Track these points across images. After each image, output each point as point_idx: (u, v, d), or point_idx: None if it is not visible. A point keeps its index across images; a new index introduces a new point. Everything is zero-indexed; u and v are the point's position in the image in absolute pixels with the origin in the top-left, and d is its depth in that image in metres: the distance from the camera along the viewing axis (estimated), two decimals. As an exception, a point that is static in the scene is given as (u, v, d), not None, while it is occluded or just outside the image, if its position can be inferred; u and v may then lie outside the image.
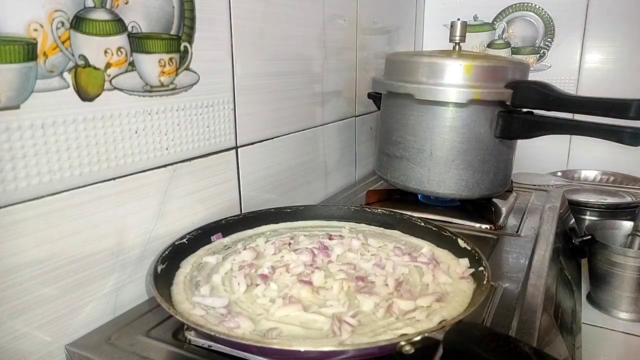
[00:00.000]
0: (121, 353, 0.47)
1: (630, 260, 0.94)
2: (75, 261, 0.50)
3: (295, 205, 0.74)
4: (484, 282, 0.50)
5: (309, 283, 0.52)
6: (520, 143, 0.88)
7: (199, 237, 0.62)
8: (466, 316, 0.44)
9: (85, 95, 0.49)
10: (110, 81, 0.51)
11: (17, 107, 0.43)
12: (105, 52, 0.50)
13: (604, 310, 1.00)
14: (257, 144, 0.77)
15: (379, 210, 0.74)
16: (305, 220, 0.73)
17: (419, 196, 0.92)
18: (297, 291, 0.51)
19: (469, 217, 0.84)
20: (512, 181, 0.92)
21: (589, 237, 0.98)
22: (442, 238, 0.64)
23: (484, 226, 0.82)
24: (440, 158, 0.81)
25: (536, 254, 0.72)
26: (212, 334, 0.42)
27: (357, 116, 1.11)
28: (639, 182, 1.29)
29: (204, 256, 0.60)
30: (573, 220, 1.06)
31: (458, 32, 0.85)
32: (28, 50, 0.43)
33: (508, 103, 0.77)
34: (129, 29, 0.52)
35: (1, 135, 0.42)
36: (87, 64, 0.49)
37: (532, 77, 0.82)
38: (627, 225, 1.04)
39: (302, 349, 0.41)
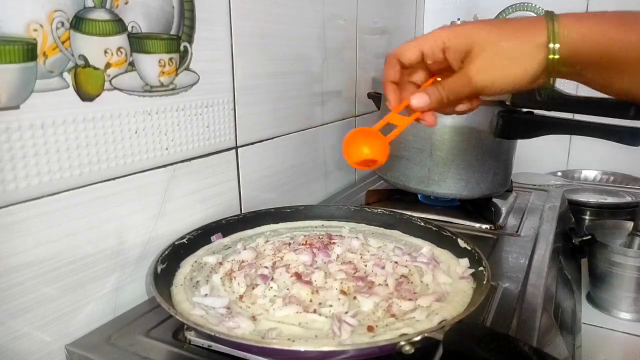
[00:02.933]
0: (121, 353, 0.47)
1: (630, 260, 0.94)
2: (75, 261, 0.50)
3: (295, 205, 0.74)
4: (484, 282, 0.50)
5: (309, 283, 0.52)
6: (520, 143, 0.88)
7: (199, 237, 0.62)
8: (466, 316, 0.44)
9: (85, 95, 0.49)
10: (110, 81, 0.51)
11: (17, 107, 0.43)
12: (105, 52, 0.50)
13: (603, 310, 1.00)
14: (257, 144, 0.77)
15: (379, 210, 0.74)
16: (305, 220, 0.73)
17: (419, 196, 0.92)
18: (297, 291, 0.51)
19: (469, 217, 0.84)
20: (512, 181, 0.92)
21: (589, 236, 0.98)
22: (442, 238, 0.64)
23: (484, 226, 0.82)
24: (440, 158, 0.81)
25: (536, 253, 0.72)
26: (212, 334, 0.42)
27: (357, 116, 1.11)
28: (639, 182, 1.29)
29: (204, 256, 0.60)
30: (573, 220, 1.06)
31: (458, 32, 0.85)
32: (28, 50, 0.43)
33: (508, 103, 0.77)
34: (129, 29, 0.52)
35: (1, 135, 0.42)
36: (87, 64, 0.49)
37: (532, 77, 0.81)
38: (627, 225, 1.04)
39: (302, 349, 0.41)
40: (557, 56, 0.40)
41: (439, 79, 0.48)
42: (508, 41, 0.41)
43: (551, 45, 0.40)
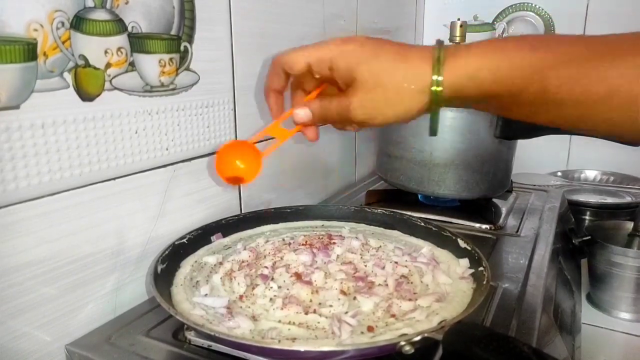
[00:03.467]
0: (121, 353, 0.47)
1: (630, 261, 0.94)
2: (75, 261, 0.50)
3: (295, 205, 0.74)
4: (484, 283, 0.50)
5: (309, 283, 0.52)
6: (520, 143, 0.88)
7: (199, 237, 0.62)
8: (466, 316, 0.44)
9: (85, 95, 0.49)
10: (110, 81, 0.51)
11: (17, 107, 0.43)
12: (105, 52, 0.50)
13: (603, 310, 1.00)
14: (257, 144, 0.77)
15: (379, 210, 0.74)
16: (305, 221, 0.73)
17: (419, 196, 0.92)
18: (297, 291, 0.51)
19: (469, 217, 0.84)
20: (512, 181, 0.92)
21: (589, 237, 0.98)
22: (442, 238, 0.64)
23: (483, 226, 0.82)
24: (440, 158, 0.81)
25: (536, 254, 0.72)
26: (212, 334, 0.42)
27: (357, 116, 1.11)
28: (639, 182, 1.29)
29: (204, 256, 0.60)
30: (573, 221, 1.06)
31: (458, 32, 0.85)
32: (28, 50, 0.43)
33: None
34: (129, 29, 0.52)
35: (1, 135, 0.42)
36: (87, 64, 0.49)
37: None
38: (627, 225, 1.04)
39: (302, 349, 0.41)
40: (440, 89, 0.38)
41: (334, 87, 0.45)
42: (391, 77, 0.39)
43: (435, 78, 0.37)
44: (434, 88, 0.38)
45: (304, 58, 0.43)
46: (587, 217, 1.15)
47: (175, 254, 0.58)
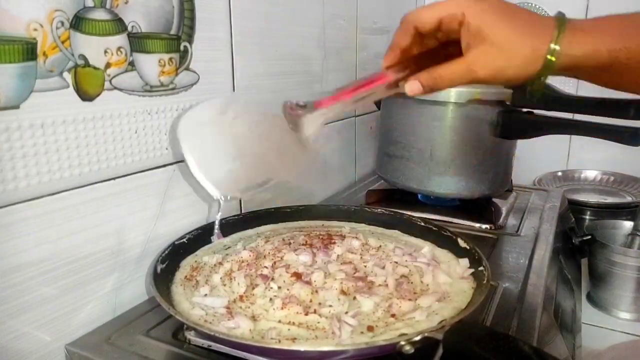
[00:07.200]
0: (121, 353, 0.47)
1: (630, 260, 0.94)
2: (75, 261, 0.50)
3: (295, 205, 0.74)
4: (484, 282, 0.50)
5: (309, 283, 0.52)
6: (520, 143, 0.88)
7: (199, 237, 0.62)
8: (466, 316, 0.44)
9: (85, 95, 0.49)
10: (110, 81, 0.51)
11: (16, 107, 0.43)
12: (105, 51, 0.50)
13: (603, 309, 1.00)
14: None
15: (379, 210, 0.74)
16: (305, 220, 0.73)
17: (419, 196, 0.92)
18: (297, 291, 0.50)
19: (469, 217, 0.84)
20: (512, 181, 0.92)
21: (589, 236, 0.98)
22: (442, 238, 0.64)
23: (483, 226, 0.81)
24: (440, 158, 0.81)
25: (536, 253, 0.72)
26: (212, 334, 0.42)
27: (357, 116, 1.11)
28: (639, 182, 1.29)
29: (204, 256, 0.60)
30: (573, 220, 1.06)
31: (458, 32, 0.85)
32: (28, 50, 0.43)
33: (508, 103, 0.77)
34: (129, 28, 0.52)
35: (1, 135, 0.42)
36: (87, 64, 0.49)
37: (532, 77, 0.81)
38: (627, 225, 1.04)
39: (302, 348, 0.41)
40: (554, 59, 0.40)
41: None
42: (521, 42, 0.40)
43: (553, 45, 0.39)
44: (549, 57, 0.40)
45: (436, 13, 0.43)
46: (587, 217, 1.15)
47: (175, 254, 0.58)
